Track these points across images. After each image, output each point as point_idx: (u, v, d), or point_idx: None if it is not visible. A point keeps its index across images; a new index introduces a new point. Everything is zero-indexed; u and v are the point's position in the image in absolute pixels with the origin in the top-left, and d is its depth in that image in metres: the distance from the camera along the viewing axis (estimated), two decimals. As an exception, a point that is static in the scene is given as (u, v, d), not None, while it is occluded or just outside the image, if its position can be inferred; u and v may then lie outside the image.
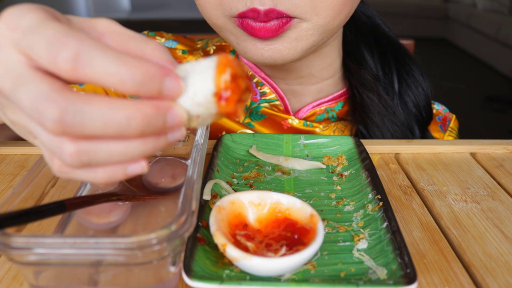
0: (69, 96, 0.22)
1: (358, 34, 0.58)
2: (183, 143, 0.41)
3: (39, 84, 0.22)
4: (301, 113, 0.56)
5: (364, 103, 0.54)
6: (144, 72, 0.22)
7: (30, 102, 0.22)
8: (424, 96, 0.58)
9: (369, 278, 0.29)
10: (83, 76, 0.22)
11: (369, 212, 0.36)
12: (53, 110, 0.21)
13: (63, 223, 0.33)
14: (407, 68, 0.58)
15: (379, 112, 0.54)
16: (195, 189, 0.29)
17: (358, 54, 0.57)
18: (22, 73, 0.22)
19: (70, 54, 0.21)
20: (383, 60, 0.58)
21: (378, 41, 0.59)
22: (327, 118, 0.57)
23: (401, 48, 0.59)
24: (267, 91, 0.57)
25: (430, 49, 4.11)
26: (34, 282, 0.27)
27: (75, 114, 0.21)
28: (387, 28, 0.61)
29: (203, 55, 0.60)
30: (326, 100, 0.57)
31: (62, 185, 0.35)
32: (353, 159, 0.44)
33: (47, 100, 0.21)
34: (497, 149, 0.50)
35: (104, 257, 0.25)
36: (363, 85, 0.55)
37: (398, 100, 0.56)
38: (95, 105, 0.22)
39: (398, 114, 0.55)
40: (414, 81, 0.57)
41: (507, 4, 3.78)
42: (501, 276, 0.32)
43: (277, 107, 0.57)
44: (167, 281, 0.28)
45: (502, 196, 0.41)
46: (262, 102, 0.57)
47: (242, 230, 0.32)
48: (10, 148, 0.48)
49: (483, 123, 2.62)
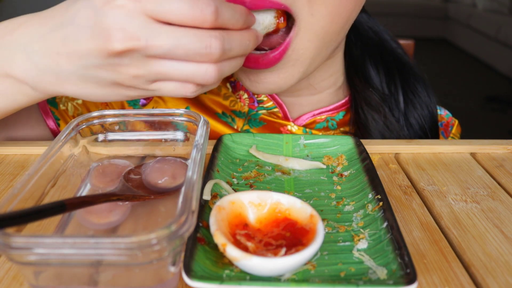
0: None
1: (364, 49, 0.57)
2: (183, 143, 0.41)
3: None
4: (300, 121, 0.56)
5: (367, 123, 0.54)
6: (247, 13, 0.35)
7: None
8: (430, 117, 0.56)
9: (369, 278, 0.29)
10: (219, 25, 0.32)
11: (369, 212, 0.36)
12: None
13: (63, 223, 0.33)
14: (413, 88, 0.57)
15: (382, 133, 0.53)
16: (195, 189, 0.29)
17: (363, 70, 0.57)
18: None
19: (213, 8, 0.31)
20: (388, 77, 0.57)
21: (384, 58, 0.58)
22: (327, 126, 0.56)
23: (408, 66, 0.58)
24: (264, 99, 0.56)
25: (430, 49, 4.11)
26: (34, 282, 0.27)
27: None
28: (395, 44, 0.59)
29: None
30: (327, 110, 0.56)
31: (62, 185, 0.35)
32: (353, 159, 0.44)
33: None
34: (497, 149, 0.50)
35: (104, 257, 0.25)
36: (368, 105, 0.54)
37: (404, 121, 0.55)
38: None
39: (402, 137, 0.54)
40: (419, 101, 0.56)
41: (507, 4, 3.78)
42: (501, 276, 0.32)
43: (275, 114, 0.56)
44: (167, 281, 0.28)
45: (502, 196, 0.41)
46: (260, 109, 0.56)
47: (243, 229, 0.32)
48: (10, 148, 0.48)
49: (483, 123, 2.63)
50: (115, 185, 0.37)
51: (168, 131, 0.41)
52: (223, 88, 0.58)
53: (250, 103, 0.56)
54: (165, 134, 0.41)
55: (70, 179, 0.37)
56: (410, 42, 0.81)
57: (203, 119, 0.39)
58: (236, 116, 0.56)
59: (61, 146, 0.36)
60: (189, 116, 0.40)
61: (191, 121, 0.40)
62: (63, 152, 0.36)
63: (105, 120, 0.40)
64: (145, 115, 0.40)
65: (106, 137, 0.41)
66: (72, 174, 0.37)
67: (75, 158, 0.38)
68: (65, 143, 0.37)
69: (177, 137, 0.41)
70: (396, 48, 0.59)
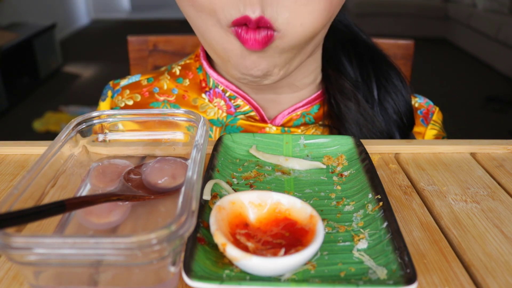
0: None
1: (336, 42, 0.58)
2: (183, 143, 0.41)
3: None
4: (277, 120, 0.56)
5: (341, 113, 0.54)
6: None
7: None
8: (404, 102, 0.57)
9: (369, 278, 0.29)
10: None
11: (369, 212, 0.36)
12: None
13: (63, 223, 0.33)
14: (386, 74, 0.58)
15: (357, 121, 0.54)
16: (195, 189, 0.29)
17: (337, 62, 0.58)
18: None
19: None
20: (361, 67, 0.58)
21: (356, 49, 0.59)
22: (305, 122, 0.56)
23: (380, 55, 0.59)
24: (240, 104, 0.56)
25: (430, 49, 4.11)
26: (34, 282, 0.27)
27: None
28: (365, 35, 0.61)
29: (170, 78, 0.59)
30: (301, 105, 0.56)
31: (62, 185, 0.35)
32: (353, 159, 0.44)
33: None
34: (497, 149, 0.50)
35: (104, 257, 0.25)
36: (342, 93, 0.55)
37: (378, 108, 0.56)
38: None
39: (377, 123, 0.55)
40: (393, 87, 0.57)
41: (507, 4, 3.78)
42: (501, 276, 0.32)
43: (253, 117, 0.56)
44: (167, 281, 0.28)
45: (502, 196, 0.41)
46: (238, 114, 0.56)
47: (243, 229, 0.32)
48: (10, 148, 0.48)
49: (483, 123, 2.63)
50: (115, 185, 0.37)
51: (168, 131, 0.41)
52: (199, 99, 0.57)
53: (227, 109, 0.56)
54: (165, 134, 0.41)
55: (70, 179, 0.37)
56: (410, 42, 0.81)
57: (203, 119, 0.39)
58: (214, 125, 0.56)
59: (61, 146, 0.36)
60: (189, 116, 0.40)
61: (191, 121, 0.40)
62: (63, 152, 0.36)
63: (105, 120, 0.40)
64: (145, 115, 0.40)
65: (106, 137, 0.41)
66: (72, 174, 0.37)
67: (75, 158, 0.38)
68: (65, 143, 0.37)
69: (177, 137, 0.41)
70: (366, 39, 0.60)
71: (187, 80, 0.59)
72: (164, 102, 0.58)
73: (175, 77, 0.59)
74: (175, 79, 0.59)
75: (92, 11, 5.44)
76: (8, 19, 3.40)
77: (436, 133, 0.60)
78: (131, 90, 0.59)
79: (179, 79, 0.59)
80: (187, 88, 0.58)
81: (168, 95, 0.58)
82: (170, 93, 0.58)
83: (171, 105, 0.58)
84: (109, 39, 4.49)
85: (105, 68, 3.60)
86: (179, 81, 0.59)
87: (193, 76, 0.59)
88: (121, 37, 1.94)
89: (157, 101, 0.58)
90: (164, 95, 0.58)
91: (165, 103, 0.58)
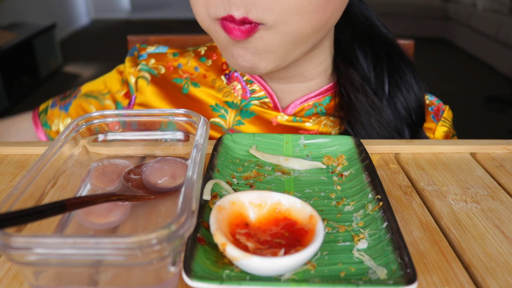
0: None
1: (354, 34, 0.58)
2: (183, 143, 0.41)
3: None
4: (289, 109, 0.57)
5: (351, 102, 0.55)
6: None
7: None
8: (415, 99, 0.57)
9: (369, 278, 0.29)
10: None
11: (369, 212, 0.36)
12: None
13: (63, 223, 0.33)
14: (400, 70, 0.58)
15: (366, 111, 0.54)
16: (195, 189, 0.29)
17: (351, 54, 0.58)
18: None
19: None
20: (375, 61, 0.58)
21: (373, 42, 0.59)
22: (316, 112, 0.57)
23: (396, 50, 0.59)
24: (256, 89, 0.58)
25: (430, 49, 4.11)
26: (34, 282, 0.27)
27: None
28: (385, 29, 0.61)
29: (194, 56, 0.62)
30: (313, 95, 0.57)
31: (62, 185, 0.35)
32: (353, 159, 0.44)
33: None
34: (497, 149, 0.50)
35: (104, 257, 0.25)
36: (351, 85, 0.55)
37: (387, 102, 0.56)
38: None
39: (385, 115, 0.55)
40: (405, 83, 0.57)
41: (507, 4, 3.78)
42: (501, 276, 0.32)
43: (266, 104, 0.57)
44: (167, 281, 0.28)
45: (502, 196, 0.41)
46: (252, 99, 0.58)
47: (243, 229, 0.32)
48: (10, 148, 0.48)
49: (483, 123, 2.63)
50: (115, 185, 0.37)
51: (168, 131, 0.41)
52: (218, 81, 0.59)
53: (243, 94, 0.58)
54: (165, 134, 0.41)
55: (70, 179, 0.37)
56: (410, 42, 0.81)
57: (203, 119, 0.39)
58: (229, 107, 0.58)
59: (61, 146, 0.36)
60: (189, 116, 0.40)
61: (191, 121, 0.40)
62: (63, 152, 0.36)
63: (105, 120, 0.40)
64: (145, 115, 0.40)
65: (106, 137, 0.41)
66: (72, 174, 0.37)
67: (75, 158, 0.38)
68: (65, 143, 0.37)
69: (177, 137, 0.41)
70: (386, 33, 0.60)
71: (210, 61, 0.61)
72: (186, 80, 0.60)
73: (199, 56, 0.62)
74: (199, 58, 0.61)
75: (92, 11, 5.44)
76: (8, 19, 3.40)
77: (446, 130, 0.60)
78: (156, 60, 0.61)
79: (202, 58, 0.61)
80: (209, 68, 0.60)
81: (191, 73, 0.60)
82: (192, 71, 0.60)
83: (192, 83, 0.60)
84: (109, 39, 4.49)
85: (105, 68, 3.60)
86: (202, 60, 0.61)
87: (217, 58, 0.61)
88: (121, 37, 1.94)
89: (180, 78, 0.60)
90: (187, 73, 0.60)
91: (187, 80, 0.60)
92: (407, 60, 0.59)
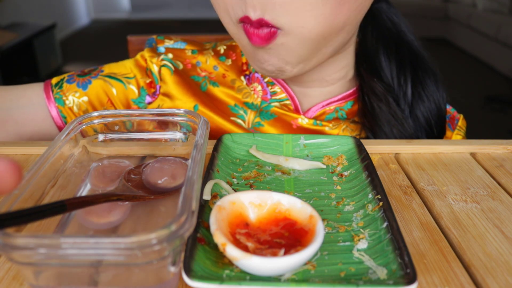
0: None
1: (379, 40, 0.58)
2: (183, 143, 0.41)
3: None
4: (310, 113, 0.57)
5: (374, 111, 0.55)
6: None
7: None
8: (436, 111, 0.57)
9: (369, 278, 0.29)
10: None
11: (369, 212, 0.36)
12: None
13: (63, 223, 0.33)
14: (423, 81, 0.57)
15: (388, 121, 0.54)
16: (195, 189, 0.29)
17: (376, 61, 0.57)
18: None
19: None
20: (399, 70, 0.57)
21: (398, 50, 0.58)
22: (337, 117, 0.57)
23: (422, 60, 0.59)
24: (277, 91, 0.57)
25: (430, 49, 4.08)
26: (34, 282, 0.27)
27: None
28: (412, 36, 0.60)
29: (214, 54, 0.61)
30: (335, 100, 0.57)
31: (62, 185, 0.35)
32: (353, 159, 0.44)
33: None
34: (497, 149, 0.50)
35: (104, 257, 0.25)
36: (374, 94, 0.55)
37: (408, 112, 0.56)
38: None
39: (406, 126, 0.55)
40: (428, 95, 0.57)
41: (507, 4, 3.78)
42: (501, 276, 0.32)
43: (287, 106, 0.57)
44: (167, 281, 0.28)
45: (502, 196, 0.41)
46: (273, 101, 0.57)
47: (243, 229, 0.32)
48: (10, 148, 0.48)
49: (483, 123, 2.63)
50: (115, 185, 0.37)
51: (168, 131, 0.41)
52: (237, 81, 0.59)
53: (263, 95, 0.58)
54: (165, 134, 0.41)
55: (70, 179, 0.37)
56: (410, 42, 0.81)
57: (203, 119, 0.39)
58: (248, 108, 0.58)
59: (61, 146, 0.36)
60: (189, 116, 0.40)
61: (191, 121, 0.40)
62: (63, 152, 0.36)
63: (105, 120, 0.40)
64: (145, 115, 0.40)
65: (106, 137, 0.41)
66: (72, 174, 0.37)
67: (75, 158, 0.38)
68: (65, 143, 0.37)
69: (177, 137, 0.41)
70: (412, 41, 0.59)
71: (230, 60, 0.60)
72: (204, 78, 0.59)
73: (219, 54, 0.61)
74: (218, 57, 0.61)
75: (92, 11, 5.44)
76: (8, 19, 3.40)
77: (461, 139, 0.60)
78: (174, 56, 0.60)
79: (222, 57, 0.61)
80: (228, 68, 0.60)
81: (209, 72, 0.60)
82: (211, 69, 0.60)
83: (210, 82, 0.59)
84: (109, 39, 4.49)
85: (105, 68, 3.60)
86: (221, 59, 0.61)
87: (236, 58, 0.61)
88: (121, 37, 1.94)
89: (198, 76, 0.60)
90: (206, 71, 0.60)
91: (205, 79, 0.59)
92: (432, 70, 0.58)
